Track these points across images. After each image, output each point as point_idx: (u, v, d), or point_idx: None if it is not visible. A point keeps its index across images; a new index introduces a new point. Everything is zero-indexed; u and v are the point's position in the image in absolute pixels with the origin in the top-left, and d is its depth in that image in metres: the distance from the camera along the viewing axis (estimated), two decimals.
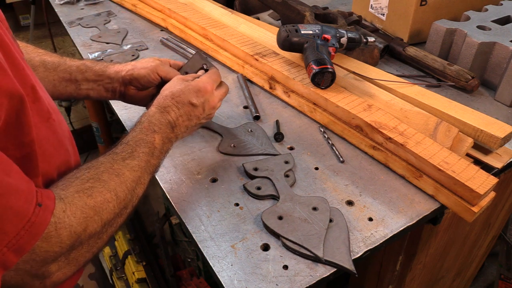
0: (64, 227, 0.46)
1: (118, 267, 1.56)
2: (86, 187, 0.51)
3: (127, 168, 0.57)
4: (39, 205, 0.44)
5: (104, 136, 1.90)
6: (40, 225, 0.44)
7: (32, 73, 0.54)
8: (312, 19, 1.11)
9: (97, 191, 0.52)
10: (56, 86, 0.76)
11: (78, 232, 0.48)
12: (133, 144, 0.60)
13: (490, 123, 0.78)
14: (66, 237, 0.46)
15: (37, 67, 0.75)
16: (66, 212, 0.47)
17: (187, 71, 0.82)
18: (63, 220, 0.46)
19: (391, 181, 0.75)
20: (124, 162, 0.57)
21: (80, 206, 0.49)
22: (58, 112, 0.59)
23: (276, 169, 0.75)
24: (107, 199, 0.52)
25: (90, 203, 0.50)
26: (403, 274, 0.93)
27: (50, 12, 1.79)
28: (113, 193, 0.53)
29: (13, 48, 0.48)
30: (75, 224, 0.47)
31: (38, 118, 0.51)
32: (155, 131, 0.64)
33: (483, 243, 1.20)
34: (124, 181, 0.55)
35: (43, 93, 0.55)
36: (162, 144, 0.64)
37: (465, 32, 1.00)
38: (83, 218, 0.48)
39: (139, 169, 0.59)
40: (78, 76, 0.77)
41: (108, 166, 0.56)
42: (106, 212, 0.52)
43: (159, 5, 1.28)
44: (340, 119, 0.83)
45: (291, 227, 0.64)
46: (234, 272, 0.59)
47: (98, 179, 0.53)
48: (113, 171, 0.55)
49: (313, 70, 0.82)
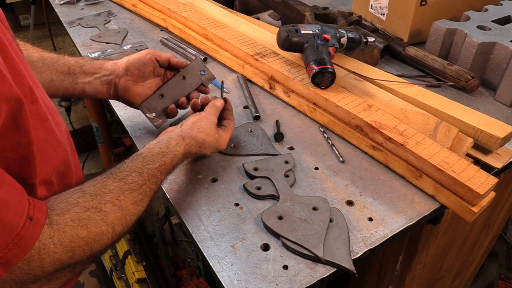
0: (47, 253, 0.45)
1: (118, 267, 1.56)
2: (84, 216, 0.50)
3: (132, 201, 0.56)
4: (29, 219, 0.43)
5: (104, 136, 1.90)
6: (29, 239, 0.43)
7: (31, 74, 0.54)
8: (312, 19, 1.11)
9: (94, 223, 0.50)
10: (53, 80, 0.75)
11: (63, 260, 0.47)
12: (146, 177, 0.60)
13: (490, 123, 0.78)
14: (49, 263, 0.46)
15: (36, 62, 0.75)
16: (53, 239, 0.46)
17: (184, 75, 0.81)
18: (48, 246, 0.45)
19: (391, 181, 0.75)
20: (131, 195, 0.56)
21: (70, 235, 0.48)
22: (57, 113, 0.58)
23: (276, 169, 0.75)
24: (103, 232, 0.51)
25: (82, 234, 0.49)
26: (403, 274, 0.93)
27: (50, 12, 1.79)
28: (110, 227, 0.52)
29: (11, 49, 0.48)
30: (60, 252, 0.46)
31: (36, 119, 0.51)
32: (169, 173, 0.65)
33: (483, 243, 1.20)
34: (125, 215, 0.55)
35: (41, 94, 0.54)
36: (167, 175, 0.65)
37: (465, 32, 1.00)
38: (71, 248, 0.48)
39: (142, 204, 0.58)
40: (76, 69, 0.77)
41: (115, 196, 0.54)
42: (98, 244, 0.51)
43: (159, 5, 1.28)
44: (340, 119, 0.83)
45: (291, 227, 0.64)
46: (234, 272, 0.59)
47: (100, 210, 0.52)
48: (118, 203, 0.54)
49: (313, 70, 0.82)
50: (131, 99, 0.80)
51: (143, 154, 0.62)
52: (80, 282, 0.74)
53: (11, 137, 0.46)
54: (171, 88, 0.80)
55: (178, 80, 0.81)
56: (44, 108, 0.53)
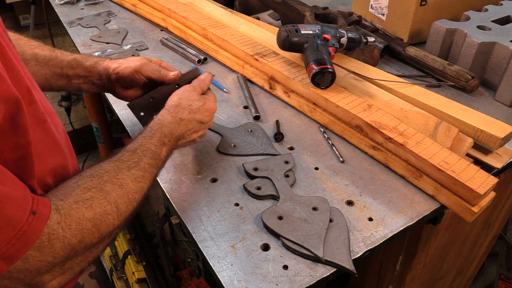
0: (57, 238, 0.46)
1: (118, 267, 1.56)
2: (87, 197, 0.50)
3: (132, 178, 0.56)
4: (33, 213, 0.44)
5: (104, 136, 1.90)
6: (32, 233, 0.43)
7: (29, 75, 0.54)
8: (312, 19, 1.11)
9: (97, 202, 0.51)
10: (48, 79, 0.76)
11: (73, 243, 0.47)
12: (141, 153, 0.60)
13: (490, 123, 0.78)
14: (60, 248, 0.46)
15: (29, 60, 0.75)
16: (61, 224, 0.46)
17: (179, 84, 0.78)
18: (57, 231, 0.46)
19: (391, 181, 0.75)
20: (130, 172, 0.57)
21: (77, 218, 0.48)
22: (54, 115, 0.58)
23: (276, 169, 0.75)
24: (107, 211, 0.51)
25: (88, 215, 0.49)
26: (403, 274, 0.93)
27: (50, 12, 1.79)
28: (113, 205, 0.52)
29: (9, 50, 0.48)
30: (69, 235, 0.47)
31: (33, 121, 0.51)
32: (164, 144, 0.64)
33: (483, 243, 1.20)
34: (126, 193, 0.55)
35: (39, 96, 0.54)
36: (167, 156, 0.65)
37: (465, 32, 1.00)
38: (79, 230, 0.48)
39: (143, 180, 0.58)
40: (69, 71, 0.77)
41: (113, 175, 0.55)
42: (105, 224, 0.51)
43: (159, 5, 1.28)
44: (340, 119, 0.83)
45: (291, 227, 0.64)
46: (234, 272, 0.59)
47: (101, 189, 0.52)
48: (117, 181, 0.54)
49: (313, 70, 0.82)
50: (123, 98, 0.82)
51: (135, 136, 0.64)
52: (79, 283, 0.75)
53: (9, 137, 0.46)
54: (163, 94, 0.77)
55: (172, 87, 0.79)
56: (42, 110, 0.53)
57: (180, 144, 0.70)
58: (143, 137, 0.63)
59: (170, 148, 0.65)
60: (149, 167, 0.60)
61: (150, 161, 0.60)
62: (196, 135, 0.72)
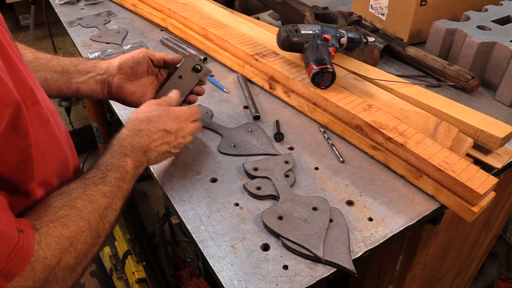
0: (38, 260, 0.45)
1: (118, 267, 1.56)
2: (61, 215, 0.50)
3: (100, 194, 0.55)
4: (21, 232, 0.43)
5: (104, 136, 1.90)
6: (27, 248, 0.43)
7: (31, 75, 0.54)
8: (312, 19, 1.11)
9: (71, 220, 0.50)
10: (47, 79, 0.75)
11: (52, 265, 0.46)
12: (104, 169, 0.59)
13: (490, 123, 0.78)
14: (40, 270, 0.45)
15: (30, 61, 0.75)
16: (41, 244, 0.46)
17: (181, 75, 0.79)
18: (37, 253, 0.45)
19: (391, 181, 0.75)
20: (97, 188, 0.56)
21: (56, 237, 0.47)
22: (57, 114, 0.58)
23: (276, 169, 0.75)
24: (82, 229, 0.51)
25: (65, 233, 0.48)
26: (403, 274, 0.93)
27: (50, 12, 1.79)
28: (86, 222, 0.52)
29: (11, 51, 0.48)
30: (49, 256, 0.46)
31: (37, 121, 0.50)
32: (126, 155, 0.62)
33: (483, 243, 1.20)
34: (97, 209, 0.54)
35: (42, 96, 0.54)
36: (134, 169, 0.63)
37: (465, 32, 1.00)
38: (58, 250, 0.47)
39: (111, 195, 0.57)
40: (71, 68, 0.76)
41: (81, 192, 0.54)
42: (80, 242, 0.50)
43: (159, 5, 1.28)
44: (340, 119, 0.83)
45: (291, 227, 0.64)
46: (234, 272, 0.59)
47: (73, 207, 0.51)
48: (86, 197, 0.54)
49: (313, 70, 0.82)
50: (125, 97, 0.80)
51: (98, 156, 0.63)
52: (80, 282, 0.74)
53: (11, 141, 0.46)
54: (169, 91, 0.78)
55: (175, 81, 0.79)
56: (45, 110, 0.53)
57: (151, 157, 0.67)
58: (105, 154, 0.62)
59: (135, 159, 0.63)
60: (116, 181, 0.59)
61: (115, 175, 0.59)
62: (167, 146, 0.69)
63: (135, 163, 0.63)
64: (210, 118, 0.90)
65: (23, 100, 0.47)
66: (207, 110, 0.92)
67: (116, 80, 0.77)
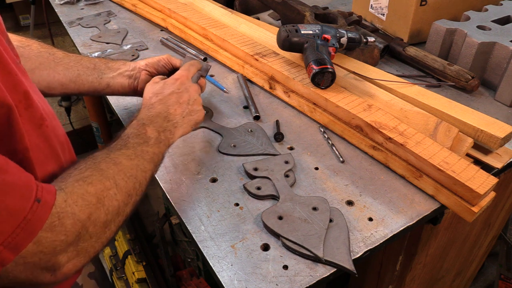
0: (67, 216, 0.46)
1: (118, 267, 1.56)
2: (85, 175, 0.52)
3: (123, 156, 0.58)
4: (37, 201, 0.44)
5: (104, 136, 1.90)
6: (37, 222, 0.44)
7: (28, 78, 0.54)
8: (312, 19, 1.11)
9: (96, 179, 0.52)
10: (80, 75, 0.81)
11: (82, 219, 0.48)
12: (125, 137, 0.62)
13: (490, 123, 0.78)
14: (71, 225, 0.47)
15: (62, 58, 0.81)
16: (68, 201, 0.47)
17: None
18: (65, 209, 0.47)
19: (391, 181, 0.75)
20: (120, 151, 0.58)
21: (81, 194, 0.49)
22: (53, 117, 0.58)
23: (276, 169, 0.75)
24: (107, 187, 0.53)
25: (90, 190, 0.50)
26: (403, 274, 0.93)
27: (50, 12, 1.79)
28: (112, 181, 0.54)
29: (6, 53, 0.48)
30: (77, 212, 0.48)
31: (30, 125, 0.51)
32: (144, 124, 0.65)
33: (483, 243, 1.20)
34: (122, 169, 0.56)
35: (38, 98, 0.54)
36: (158, 134, 0.65)
37: (465, 32, 1.00)
38: (85, 206, 0.49)
39: (136, 157, 0.59)
40: (102, 65, 0.83)
41: (104, 156, 0.57)
42: (108, 199, 0.52)
43: (159, 5, 1.28)
44: (340, 119, 0.83)
45: (291, 227, 0.64)
46: (234, 272, 0.59)
47: (96, 168, 0.54)
48: (110, 160, 0.56)
49: (313, 70, 0.82)
50: None
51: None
52: (78, 284, 0.74)
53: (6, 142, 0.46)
54: None
55: None
56: (40, 113, 0.53)
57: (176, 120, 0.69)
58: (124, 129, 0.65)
59: (156, 126, 0.66)
60: (138, 145, 0.61)
61: (136, 140, 0.62)
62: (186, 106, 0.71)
63: (156, 129, 0.65)
64: (210, 118, 0.90)
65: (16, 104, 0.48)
66: (207, 110, 0.92)
67: (142, 76, 0.84)
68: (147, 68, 0.84)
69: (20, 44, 0.79)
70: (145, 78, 0.84)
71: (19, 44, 0.79)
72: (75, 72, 0.80)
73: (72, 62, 0.81)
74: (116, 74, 0.83)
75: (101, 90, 0.83)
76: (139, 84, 0.84)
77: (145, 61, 0.85)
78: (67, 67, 0.80)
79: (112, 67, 0.84)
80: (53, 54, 0.81)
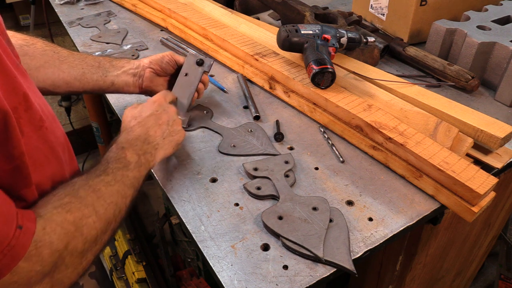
0: (44, 245, 0.45)
1: (118, 267, 1.56)
2: (64, 202, 0.50)
3: (103, 183, 0.56)
4: (19, 228, 0.43)
5: (104, 136, 1.90)
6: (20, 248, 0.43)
7: (29, 80, 0.53)
8: (312, 19, 1.11)
9: (75, 207, 0.51)
10: (85, 73, 0.81)
11: (60, 249, 0.47)
12: (105, 162, 0.60)
13: (490, 123, 0.78)
14: (47, 255, 0.45)
15: (67, 57, 0.81)
16: (46, 229, 0.46)
17: (186, 72, 0.85)
18: (43, 238, 0.45)
19: (391, 181, 0.75)
20: (99, 178, 0.57)
21: (60, 222, 0.48)
22: (53, 118, 0.58)
23: (276, 169, 0.75)
24: (85, 215, 0.51)
25: (69, 218, 0.49)
26: (403, 274, 0.93)
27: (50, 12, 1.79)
28: (91, 208, 0.52)
29: (6, 56, 0.48)
30: (55, 241, 0.46)
31: (30, 127, 0.50)
32: (124, 148, 0.64)
33: (483, 243, 1.20)
34: (101, 196, 0.55)
35: (38, 99, 0.54)
36: (138, 157, 0.64)
37: (465, 32, 1.00)
38: (64, 234, 0.47)
39: (116, 183, 0.58)
40: (106, 64, 0.84)
41: (83, 183, 0.55)
42: (86, 227, 0.51)
43: (159, 5, 1.28)
44: (340, 119, 0.83)
45: (291, 227, 0.64)
46: (234, 272, 0.59)
47: (75, 195, 0.52)
48: (89, 187, 0.55)
49: (313, 70, 0.82)
50: (155, 88, 0.86)
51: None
52: (79, 283, 0.74)
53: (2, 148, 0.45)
54: (180, 89, 0.84)
55: (182, 79, 0.85)
56: (39, 115, 0.52)
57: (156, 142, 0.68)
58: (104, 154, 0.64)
59: (135, 149, 0.64)
60: (118, 170, 0.60)
61: (116, 165, 0.60)
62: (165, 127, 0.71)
63: (136, 152, 0.64)
64: (210, 118, 0.90)
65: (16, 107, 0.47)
66: (207, 110, 0.92)
67: (147, 73, 0.85)
68: (151, 66, 0.85)
69: (24, 43, 0.79)
70: (150, 75, 0.85)
71: (23, 43, 0.79)
72: (80, 70, 0.81)
73: (76, 60, 0.82)
74: (120, 72, 0.84)
75: (106, 88, 0.84)
76: (143, 82, 0.85)
77: (149, 58, 0.86)
78: (72, 66, 0.81)
79: (117, 65, 0.85)
80: (58, 52, 0.82)
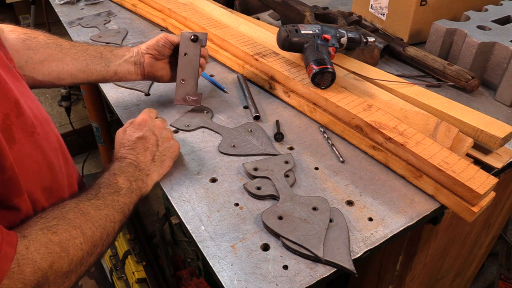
0: (27, 263, 0.45)
1: (118, 267, 1.56)
2: (51, 225, 0.50)
3: (92, 207, 0.57)
4: None
5: (104, 136, 1.90)
6: None
7: (21, 82, 0.53)
8: (312, 19, 1.11)
9: (62, 228, 0.51)
10: (88, 65, 0.82)
11: (43, 268, 0.46)
12: (96, 187, 0.61)
13: (490, 123, 0.78)
14: (30, 273, 0.45)
15: (69, 49, 0.82)
16: (30, 249, 0.46)
17: (185, 52, 0.87)
18: (26, 256, 0.45)
19: (391, 181, 0.75)
20: (89, 202, 0.57)
21: (44, 243, 0.48)
22: (46, 122, 0.58)
23: (276, 169, 0.75)
24: (73, 236, 0.51)
25: (55, 239, 0.49)
26: (403, 274, 0.93)
27: (50, 12, 1.79)
28: (78, 230, 0.52)
29: None
30: (39, 259, 0.46)
31: (22, 133, 0.50)
32: (116, 174, 0.64)
33: (483, 243, 1.20)
34: (89, 219, 0.55)
35: (30, 103, 0.53)
36: (129, 183, 0.64)
37: (465, 32, 1.00)
38: (48, 254, 0.47)
39: (105, 207, 0.58)
40: (107, 53, 0.85)
41: (73, 206, 0.55)
42: (73, 248, 0.51)
43: (159, 5, 1.28)
44: (340, 119, 0.83)
45: (291, 227, 0.64)
46: (234, 272, 0.59)
47: (63, 218, 0.52)
48: (78, 210, 0.55)
49: (313, 70, 0.82)
50: (157, 73, 0.88)
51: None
52: (78, 284, 0.74)
53: None
54: (184, 69, 0.87)
55: (183, 59, 0.87)
56: (31, 120, 0.52)
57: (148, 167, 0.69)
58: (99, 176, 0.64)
59: (127, 175, 0.65)
60: (108, 195, 0.60)
61: (107, 190, 0.61)
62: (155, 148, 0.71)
63: (128, 178, 0.65)
64: (210, 118, 0.90)
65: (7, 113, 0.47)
66: (207, 110, 0.92)
67: (146, 59, 0.86)
68: (149, 51, 0.86)
69: (26, 37, 0.79)
70: (149, 61, 0.86)
71: (25, 37, 0.79)
72: (83, 62, 0.82)
73: (79, 52, 0.83)
74: (122, 61, 0.85)
75: (109, 78, 0.85)
76: (145, 69, 0.87)
77: (145, 44, 0.87)
78: (75, 58, 0.82)
79: (118, 54, 0.86)
80: (60, 45, 0.83)
